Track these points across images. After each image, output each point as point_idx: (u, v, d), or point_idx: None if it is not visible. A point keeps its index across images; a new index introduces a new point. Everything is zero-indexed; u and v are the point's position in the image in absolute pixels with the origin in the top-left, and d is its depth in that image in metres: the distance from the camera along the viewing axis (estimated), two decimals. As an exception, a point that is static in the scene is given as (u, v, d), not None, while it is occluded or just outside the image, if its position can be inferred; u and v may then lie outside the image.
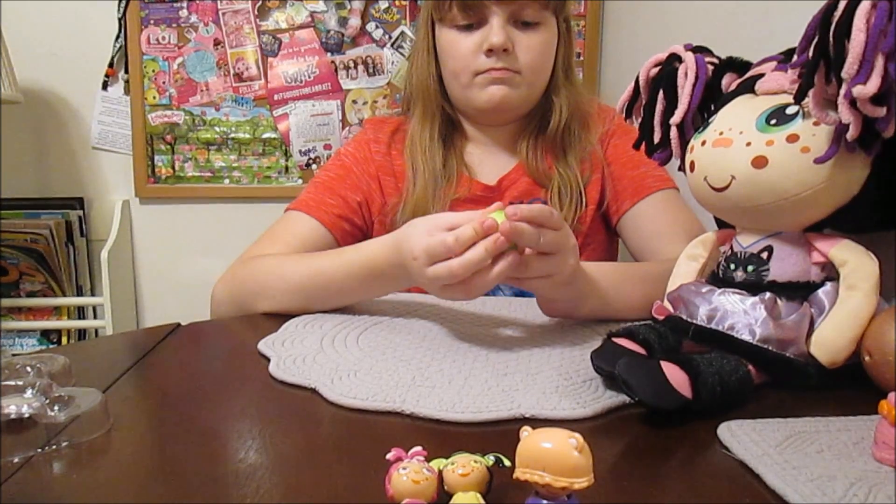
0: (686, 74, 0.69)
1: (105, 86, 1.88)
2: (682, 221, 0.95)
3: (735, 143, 0.60)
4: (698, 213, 0.96)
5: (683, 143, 0.70)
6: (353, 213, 1.01)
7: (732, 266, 0.64)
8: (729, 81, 0.69)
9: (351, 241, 1.02)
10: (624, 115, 0.77)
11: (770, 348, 0.58)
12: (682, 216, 0.96)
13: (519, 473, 0.36)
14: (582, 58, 1.87)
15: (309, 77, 1.90)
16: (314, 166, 1.93)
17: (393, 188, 1.02)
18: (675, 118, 0.69)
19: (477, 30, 0.94)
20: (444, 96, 1.02)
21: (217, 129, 1.90)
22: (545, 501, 0.36)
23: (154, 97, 1.88)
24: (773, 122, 0.59)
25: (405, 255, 0.71)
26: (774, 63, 0.65)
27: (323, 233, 0.97)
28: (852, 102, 0.51)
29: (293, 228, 0.98)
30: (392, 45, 1.90)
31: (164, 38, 1.86)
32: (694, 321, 0.62)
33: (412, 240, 0.69)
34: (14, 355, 0.61)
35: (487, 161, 1.03)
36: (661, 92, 0.71)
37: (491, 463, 0.40)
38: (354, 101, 1.91)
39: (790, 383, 0.59)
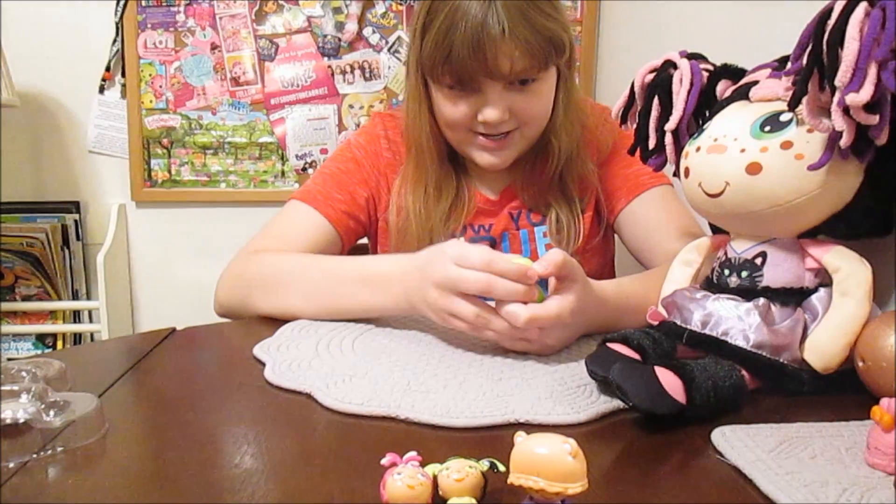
0: (681, 81, 0.70)
1: (102, 90, 1.87)
2: (678, 218, 0.95)
3: (729, 149, 0.60)
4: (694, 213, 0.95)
5: (678, 149, 0.70)
6: (360, 210, 0.99)
7: (726, 272, 0.65)
8: (723, 88, 0.70)
9: (354, 240, 1.01)
10: (619, 120, 0.77)
11: (764, 354, 0.58)
12: (677, 212, 0.96)
13: (513, 479, 0.36)
14: (578, 63, 1.87)
15: (306, 81, 1.90)
16: (310, 170, 1.93)
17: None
18: (670, 124, 0.70)
19: (471, 93, 0.87)
20: (442, 137, 0.96)
21: (214, 133, 1.90)
22: (539, 507, 0.36)
23: (151, 101, 1.88)
24: (767, 128, 0.59)
25: (425, 275, 0.69)
26: (769, 70, 0.66)
27: (328, 229, 0.95)
28: (846, 110, 0.51)
29: (298, 223, 0.95)
30: (389, 50, 1.91)
31: (161, 42, 1.86)
32: (688, 327, 0.62)
33: (436, 266, 0.67)
34: (9, 359, 0.61)
35: (489, 174, 1.02)
36: (656, 98, 0.72)
37: (485, 468, 0.41)
38: (351, 106, 1.92)
39: (784, 389, 0.59)
